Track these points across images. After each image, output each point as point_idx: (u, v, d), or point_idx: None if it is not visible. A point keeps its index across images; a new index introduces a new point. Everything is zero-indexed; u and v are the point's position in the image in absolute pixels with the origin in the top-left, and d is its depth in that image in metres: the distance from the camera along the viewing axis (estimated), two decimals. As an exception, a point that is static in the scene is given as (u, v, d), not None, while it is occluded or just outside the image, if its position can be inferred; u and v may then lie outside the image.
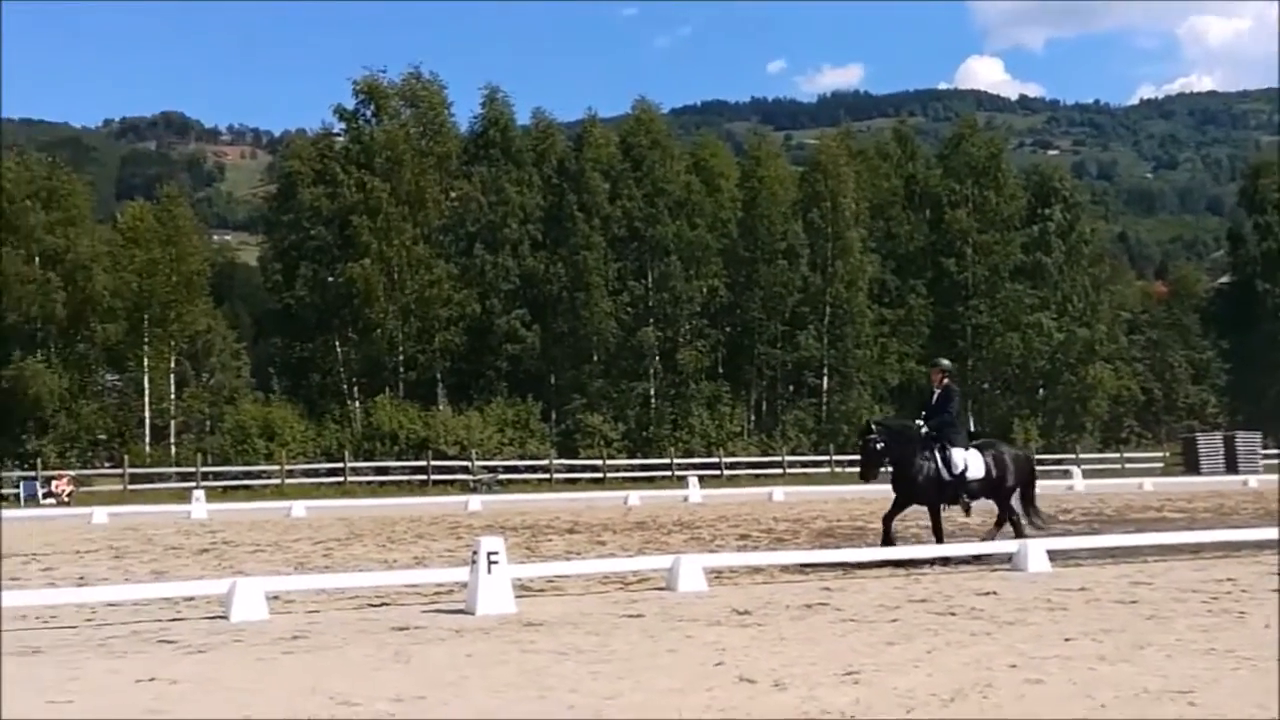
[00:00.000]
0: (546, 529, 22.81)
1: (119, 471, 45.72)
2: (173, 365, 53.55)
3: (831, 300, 58.84)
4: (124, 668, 8.55)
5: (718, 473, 49.76)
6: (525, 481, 48.32)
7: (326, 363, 54.10)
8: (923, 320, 61.04)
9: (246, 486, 44.62)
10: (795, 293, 58.41)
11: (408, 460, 48.19)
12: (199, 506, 30.71)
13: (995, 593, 11.88)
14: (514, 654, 8.82)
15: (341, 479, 45.74)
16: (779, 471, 50.53)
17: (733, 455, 53.22)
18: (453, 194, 57.09)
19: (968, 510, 15.60)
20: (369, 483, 46.22)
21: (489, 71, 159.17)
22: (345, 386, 53.64)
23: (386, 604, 11.95)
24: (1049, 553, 14.16)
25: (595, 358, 56.14)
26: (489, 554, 11.17)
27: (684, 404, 56.33)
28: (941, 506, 15.31)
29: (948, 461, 14.98)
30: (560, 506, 32.64)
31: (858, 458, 16.42)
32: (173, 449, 50.50)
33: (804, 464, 52.78)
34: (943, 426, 15.27)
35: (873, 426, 15.66)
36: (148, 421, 51.60)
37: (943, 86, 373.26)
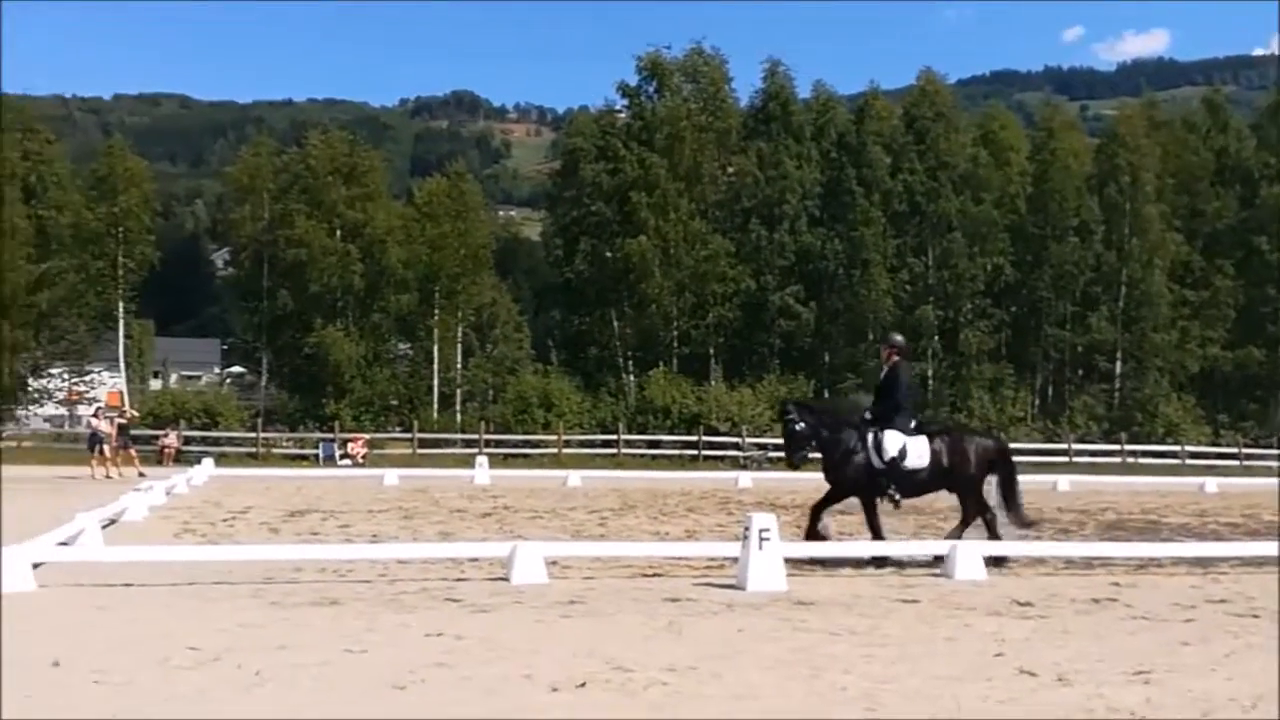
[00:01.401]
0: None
1: (408, 436, 48.11)
2: (459, 336, 55.88)
3: (1127, 280, 56.07)
4: (414, 622, 8.95)
5: (996, 458, 48.07)
6: (796, 460, 47.96)
7: (603, 336, 55.29)
8: (1229, 303, 57.29)
9: (525, 455, 46.15)
10: (1087, 271, 55.95)
11: (679, 435, 48.77)
12: (482, 472, 31.95)
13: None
14: (785, 632, 8.74)
15: (615, 451, 46.70)
16: (1064, 459, 48.27)
17: (1014, 441, 51.16)
18: (730, 169, 57.27)
19: (896, 504, 13.62)
20: (641, 455, 46.98)
21: (772, 44, 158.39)
22: (621, 360, 54.72)
23: (659, 575, 12.08)
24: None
25: (871, 336, 55.19)
26: (761, 531, 11.12)
27: (964, 386, 54.81)
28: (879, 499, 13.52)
29: (879, 447, 13.18)
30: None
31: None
32: (458, 416, 52.73)
33: (1092, 453, 50.34)
34: (884, 410, 13.54)
35: (789, 406, 14.17)
36: (435, 389, 54.16)
37: (1258, 52, 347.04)
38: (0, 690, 6.45)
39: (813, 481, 33.00)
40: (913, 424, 13.56)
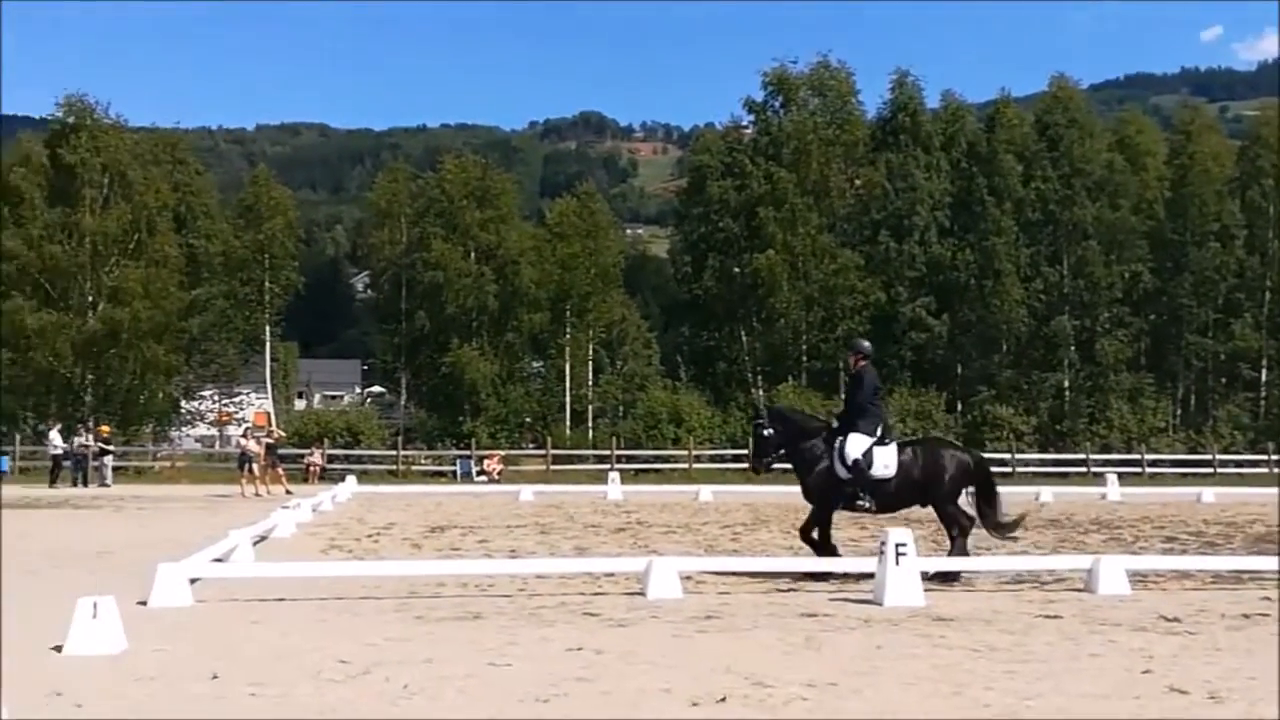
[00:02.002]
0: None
1: (542, 452, 48.74)
2: (590, 353, 56.45)
3: (1271, 285, 54.12)
4: (554, 636, 9.12)
5: (1139, 470, 46.78)
6: (929, 474, 47.31)
7: (732, 351, 55.34)
8: (1386, 311, 54.96)
9: (656, 470, 46.34)
10: (1230, 278, 54.26)
11: (811, 449, 48.34)
12: (614, 487, 32.19)
13: None
14: (924, 648, 8.68)
15: (746, 465, 46.55)
16: (1209, 471, 46.75)
17: (1156, 452, 49.86)
18: (858, 181, 56.89)
19: (870, 512, 13.33)
20: (771, 470, 46.66)
21: (898, 56, 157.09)
22: (749, 375, 54.67)
23: (794, 590, 12.07)
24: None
25: (1005, 347, 54.32)
26: (897, 546, 11.05)
27: (1102, 396, 53.46)
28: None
29: (841, 453, 12.71)
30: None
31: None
32: (590, 432, 53.23)
33: (1238, 463, 48.64)
34: (848, 414, 13.10)
35: (760, 412, 13.80)
36: (568, 406, 54.80)
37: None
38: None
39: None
40: (879, 429, 13.01)
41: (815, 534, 13.36)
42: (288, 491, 31.28)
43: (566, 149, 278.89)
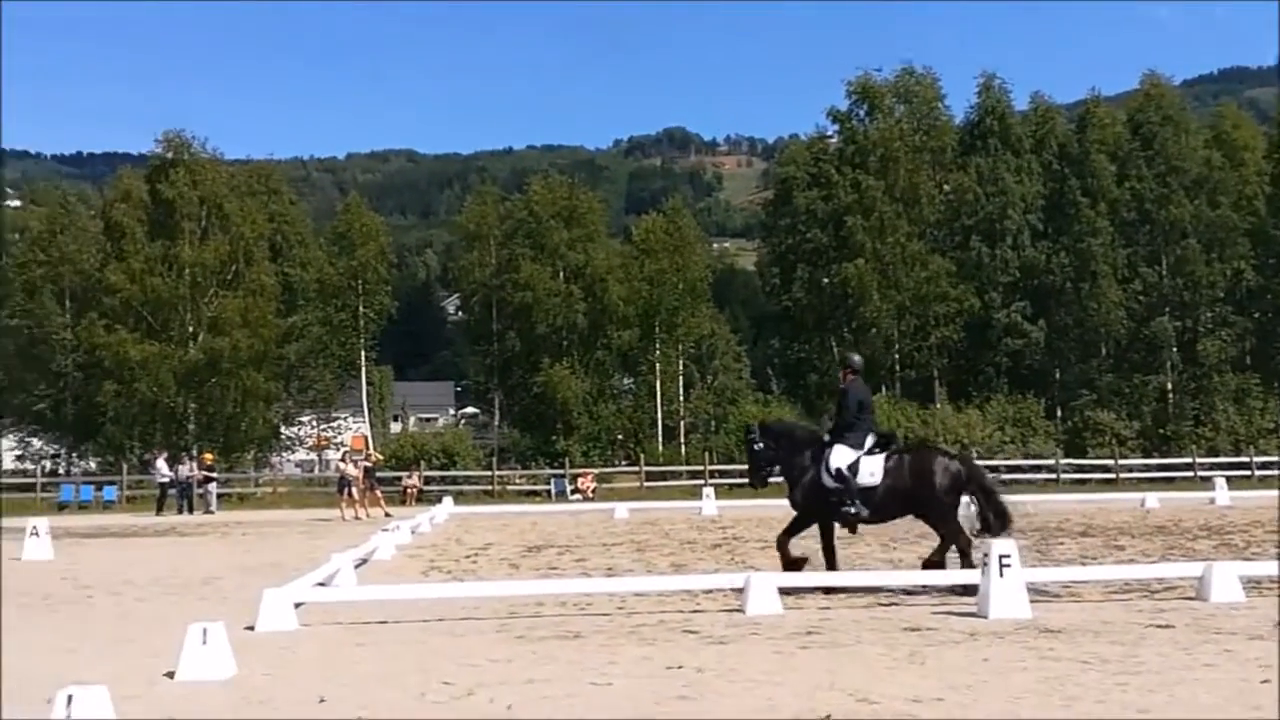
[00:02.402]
0: (1057, 531, 21.84)
1: (635, 469, 48.75)
2: (680, 368, 56.47)
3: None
4: (655, 654, 9.11)
5: (1247, 473, 45.46)
6: (1029, 482, 46.45)
7: (823, 363, 54.92)
8: None
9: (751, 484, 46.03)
10: (1337, 273, 52.50)
11: (906, 459, 47.88)
12: (709, 503, 32.13)
13: None
14: (1032, 660, 8.52)
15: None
16: (1321, 472, 45.35)
17: (1265, 454, 48.43)
18: (947, 187, 56.30)
19: (852, 528, 13.26)
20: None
21: (985, 58, 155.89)
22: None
23: (895, 604, 11.92)
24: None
25: (1104, 350, 53.26)
26: (1000, 557, 10.87)
27: (1207, 398, 52.11)
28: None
29: (827, 464, 12.63)
30: (1069, 508, 31.07)
31: None
32: (682, 448, 53.19)
33: (1353, 464, 47.05)
34: (835, 427, 13.05)
35: (752, 427, 13.79)
36: (659, 422, 54.80)
37: None
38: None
39: (1045, 505, 31.90)
40: (869, 441, 12.82)
41: (791, 548, 13.36)
42: (386, 514, 31.67)
43: (651, 165, 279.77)
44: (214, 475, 40.37)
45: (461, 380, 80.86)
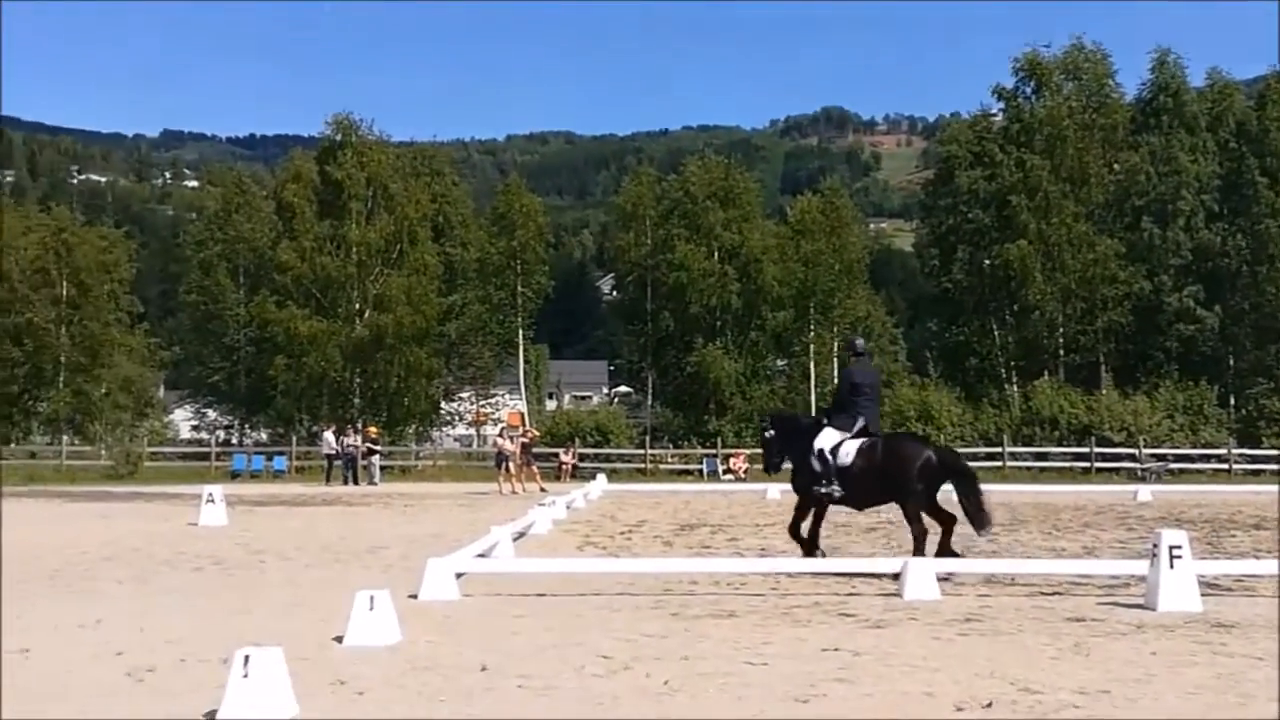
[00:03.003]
0: (1228, 524, 21.03)
1: (789, 451, 48.50)
2: (835, 350, 55.92)
3: None
4: (810, 636, 9.07)
5: None
6: (1199, 472, 44.87)
7: (983, 346, 53.88)
8: None
9: (906, 468, 45.46)
10: None
11: (1069, 446, 46.70)
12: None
13: None
14: (1204, 655, 8.22)
15: (1000, 463, 45.26)
16: None
17: None
18: (1117, 166, 54.50)
19: (823, 507, 13.41)
20: (1028, 468, 45.31)
21: (1159, 34, 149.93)
22: (1003, 370, 53.11)
23: (1058, 593, 11.63)
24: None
25: (1283, 336, 50.95)
26: (1171, 548, 10.50)
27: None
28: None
29: (813, 445, 12.90)
30: (1241, 499, 29.84)
31: None
32: (836, 430, 52.69)
33: None
34: (829, 410, 13.55)
35: (766, 417, 14.47)
36: (813, 404, 54.34)
37: None
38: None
39: (1216, 496, 30.76)
40: (858, 424, 13.03)
41: (802, 531, 13.61)
42: (542, 489, 32.17)
43: (808, 145, 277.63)
44: (378, 448, 41.62)
45: (615, 359, 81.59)
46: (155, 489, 36.23)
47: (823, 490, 12.97)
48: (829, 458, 12.84)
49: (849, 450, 12.82)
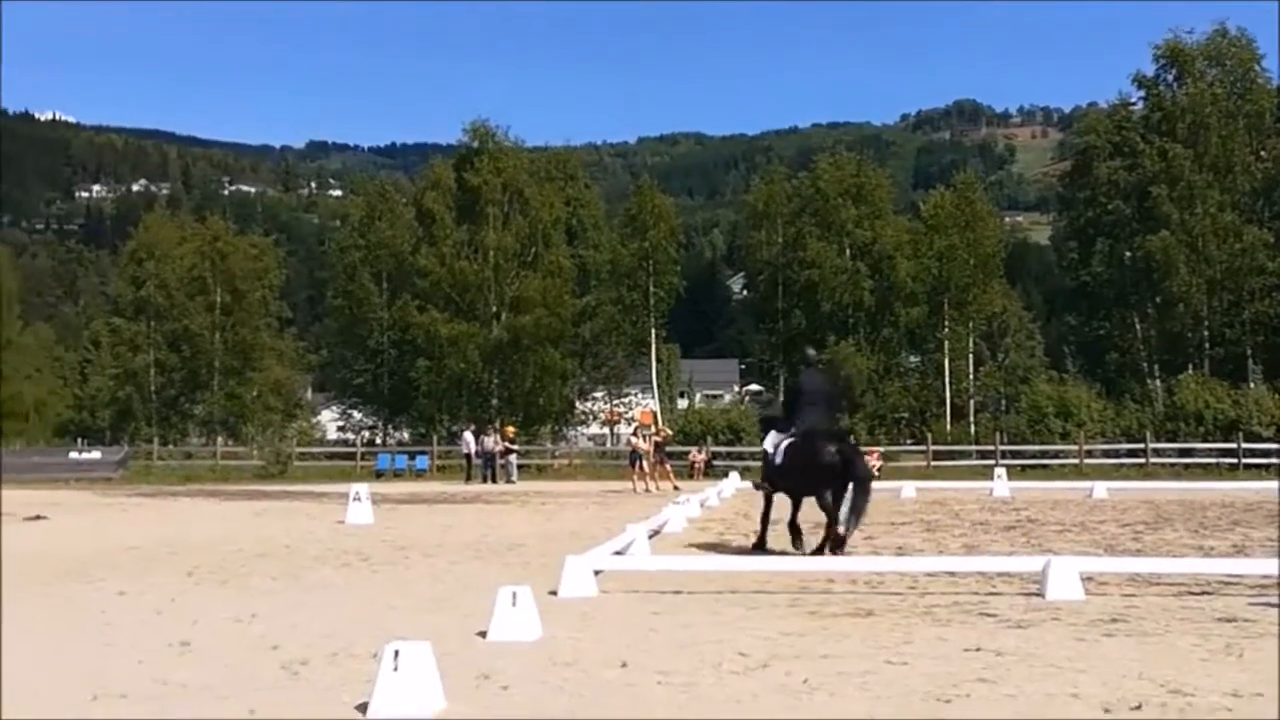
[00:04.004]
0: (1391, 524, 20.12)
1: (922, 448, 47.98)
2: (970, 346, 55.11)
3: None
4: (951, 636, 9.00)
5: None
6: (1356, 469, 43.02)
7: (1124, 340, 52.53)
8: None
9: (1044, 465, 44.60)
10: None
11: (1215, 442, 45.18)
12: (1000, 484, 31.19)
13: None
14: (1364, 659, 7.94)
15: (1143, 460, 44.05)
16: None
17: None
18: (1264, 154, 52.59)
19: (768, 497, 15.27)
20: (1172, 465, 44.00)
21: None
22: (1145, 364, 51.68)
23: (1208, 593, 11.33)
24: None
25: None
26: (1326, 548, 10.16)
27: None
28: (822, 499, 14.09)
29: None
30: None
31: None
32: (971, 427, 51.94)
33: None
34: (782, 416, 14.95)
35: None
36: (948, 400, 53.70)
37: None
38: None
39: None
40: (796, 427, 14.30)
41: (797, 525, 14.93)
42: (675, 487, 32.30)
43: (940, 139, 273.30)
44: (515, 447, 42.28)
45: (746, 358, 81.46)
46: (303, 488, 37.36)
47: (759, 482, 15.24)
48: (771, 457, 14.64)
49: (782, 449, 14.37)
